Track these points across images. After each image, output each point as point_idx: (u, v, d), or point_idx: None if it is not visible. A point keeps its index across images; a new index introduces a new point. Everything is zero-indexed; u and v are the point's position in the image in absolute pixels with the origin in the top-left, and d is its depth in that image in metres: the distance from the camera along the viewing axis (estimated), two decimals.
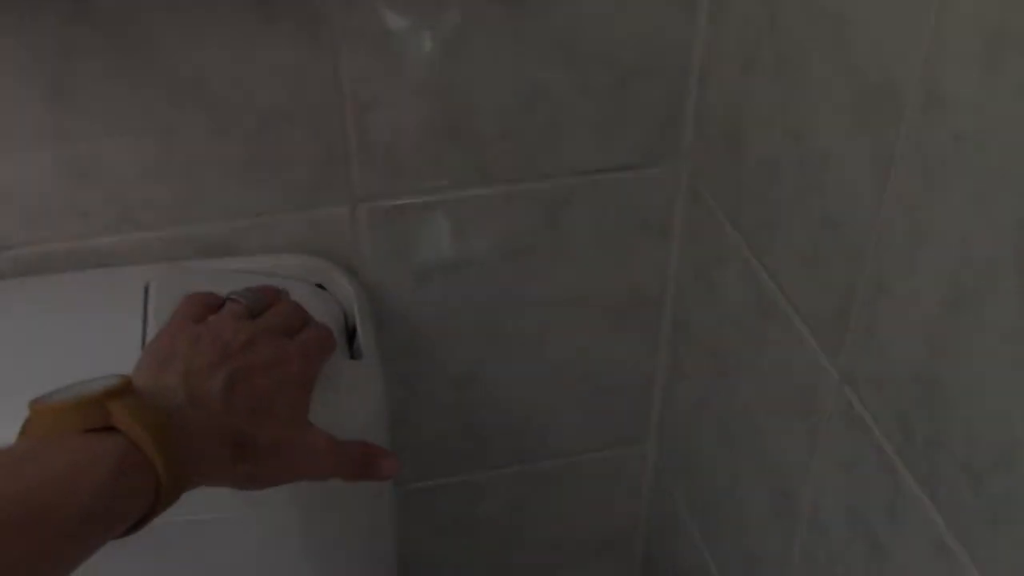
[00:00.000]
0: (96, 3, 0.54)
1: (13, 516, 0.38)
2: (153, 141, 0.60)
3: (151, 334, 0.56)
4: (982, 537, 0.42)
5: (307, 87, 0.60)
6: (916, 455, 0.46)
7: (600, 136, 0.65)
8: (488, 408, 0.78)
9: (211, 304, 0.56)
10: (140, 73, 0.57)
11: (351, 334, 0.63)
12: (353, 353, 0.61)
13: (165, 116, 0.59)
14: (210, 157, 0.61)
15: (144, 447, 0.42)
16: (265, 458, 0.48)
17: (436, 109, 0.62)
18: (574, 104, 0.64)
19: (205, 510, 0.54)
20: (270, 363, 0.51)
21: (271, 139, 0.61)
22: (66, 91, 0.57)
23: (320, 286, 0.65)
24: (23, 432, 0.43)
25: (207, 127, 0.60)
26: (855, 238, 0.48)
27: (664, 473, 0.85)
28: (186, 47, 0.57)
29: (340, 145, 0.62)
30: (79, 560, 0.40)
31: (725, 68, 0.60)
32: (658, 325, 0.77)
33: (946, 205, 0.41)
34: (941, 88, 0.40)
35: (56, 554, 0.39)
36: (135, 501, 0.42)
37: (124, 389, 0.44)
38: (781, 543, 0.62)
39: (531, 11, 0.60)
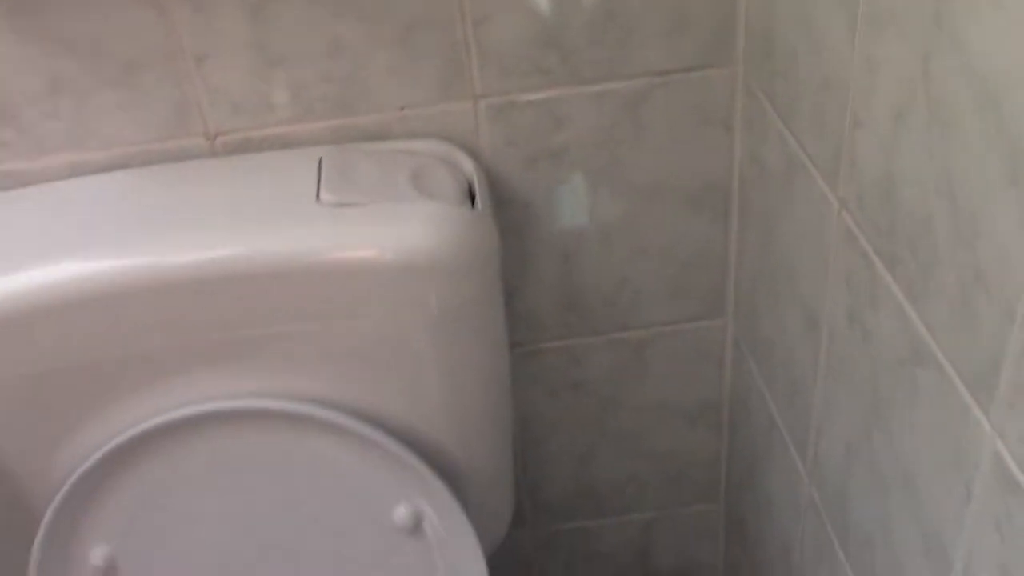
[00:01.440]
0: None
1: None
2: (325, 49, 0.80)
3: (321, 191, 0.76)
4: None
5: (437, 4, 0.78)
6: None
7: (669, 41, 0.82)
8: (586, 280, 0.96)
9: None
10: None
11: (471, 200, 0.81)
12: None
13: (333, 29, 0.79)
14: (367, 62, 0.80)
15: None
16: None
17: (537, 23, 0.80)
18: (646, 14, 0.80)
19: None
20: None
21: (412, 47, 0.80)
22: (262, 12, 0.77)
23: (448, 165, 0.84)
24: None
25: (364, 37, 0.79)
26: None
27: (741, 346, 1.00)
28: None
29: (464, 53, 0.81)
30: None
31: None
32: (727, 210, 0.93)
33: None
34: None
35: None
36: None
37: None
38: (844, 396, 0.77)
39: None
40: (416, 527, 0.85)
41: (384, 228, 0.75)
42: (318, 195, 0.77)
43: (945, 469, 0.58)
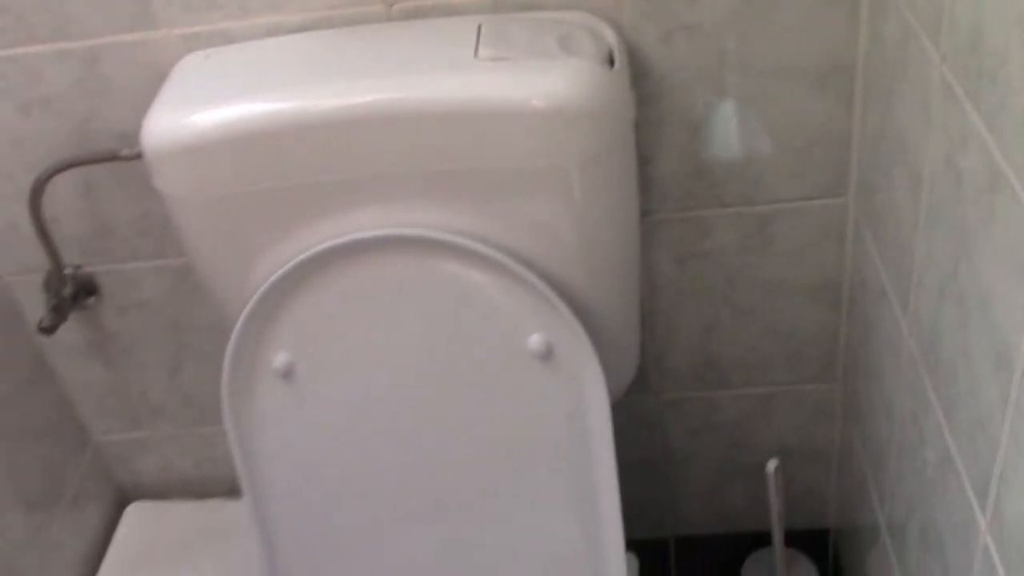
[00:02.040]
0: None
1: None
2: None
3: (479, 49, 0.88)
4: None
5: None
6: None
7: None
8: (715, 152, 1.04)
9: None
10: None
11: (611, 64, 0.91)
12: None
13: None
14: None
15: None
16: None
17: None
18: None
19: None
20: None
21: None
22: None
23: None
24: None
25: None
26: None
27: (861, 224, 1.06)
28: None
29: None
30: None
31: None
32: (852, 89, 0.99)
33: None
34: None
35: None
36: None
37: None
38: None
39: None
40: (548, 356, 0.97)
41: (533, 78, 0.86)
42: (476, 52, 0.89)
43: (1015, 285, 0.65)
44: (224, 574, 1.28)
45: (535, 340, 0.96)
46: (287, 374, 1.00)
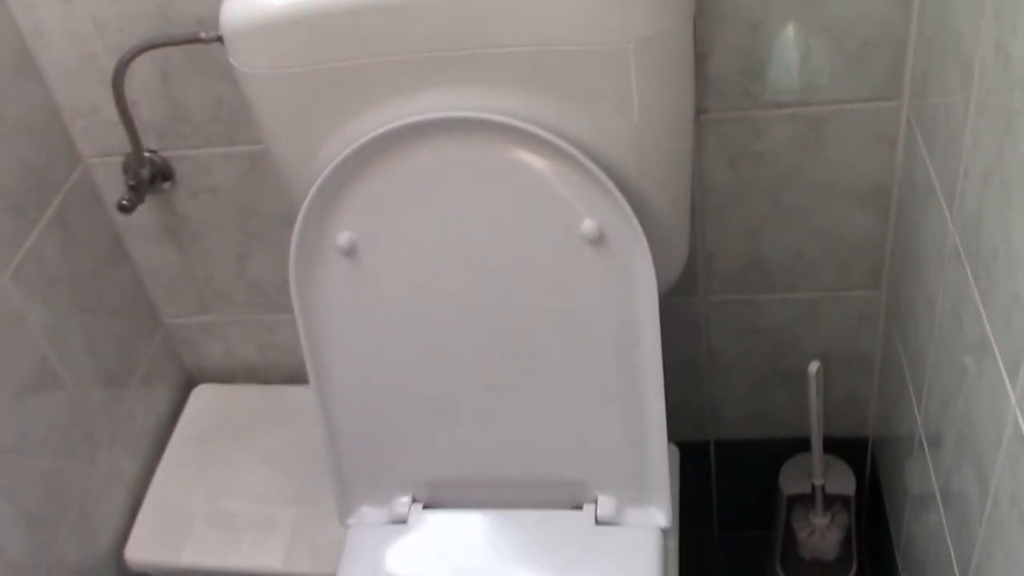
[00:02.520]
0: None
1: None
2: None
3: None
4: None
5: None
6: None
7: None
8: (771, 51, 1.06)
9: None
10: None
11: None
12: None
13: None
14: None
15: None
16: None
17: None
18: None
19: None
20: None
21: None
22: None
23: None
24: None
25: None
26: None
27: (914, 129, 1.08)
28: None
29: None
30: None
31: None
32: None
33: None
34: None
35: None
36: None
37: None
38: None
39: None
40: (599, 242, 1.01)
41: None
42: None
43: None
44: (284, 455, 1.36)
45: (588, 225, 1.00)
46: (350, 252, 1.05)
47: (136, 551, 1.28)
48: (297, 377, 1.46)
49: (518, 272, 1.04)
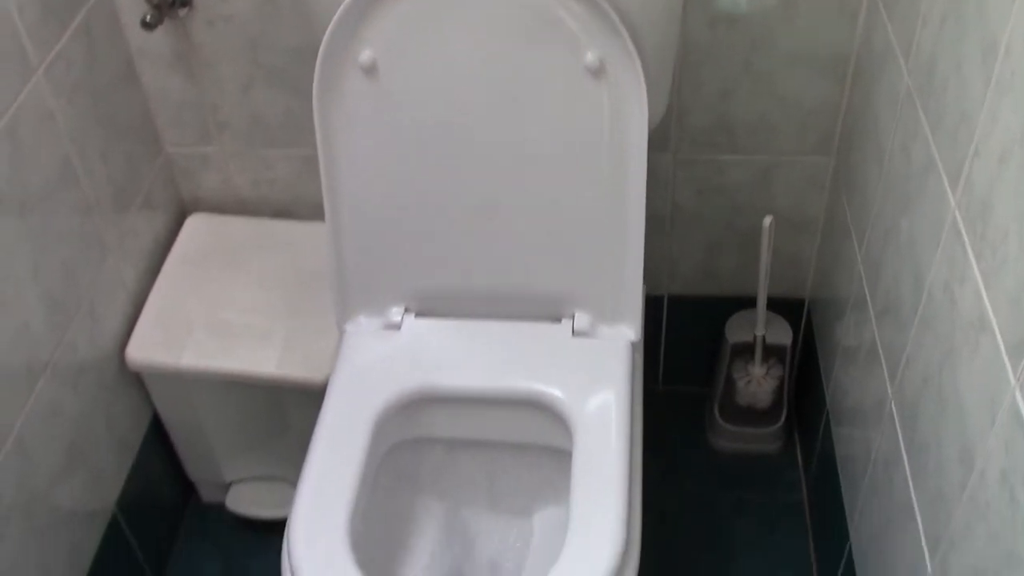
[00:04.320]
0: None
1: None
2: None
3: None
4: None
5: None
6: None
7: None
8: None
9: None
10: None
11: None
12: None
13: None
14: None
15: None
16: None
17: None
18: None
19: None
20: None
21: None
22: None
23: None
24: None
25: None
26: None
27: (879, 3, 1.22)
28: None
29: None
30: None
31: None
32: None
33: None
34: None
35: None
36: None
37: None
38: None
39: None
40: (600, 72, 1.12)
41: None
42: None
43: None
44: (277, 278, 1.46)
45: (591, 57, 1.11)
46: (370, 70, 1.15)
47: (136, 351, 1.37)
48: (288, 213, 1.55)
49: (524, 99, 1.16)
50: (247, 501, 1.57)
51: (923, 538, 0.99)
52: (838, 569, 1.36)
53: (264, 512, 1.54)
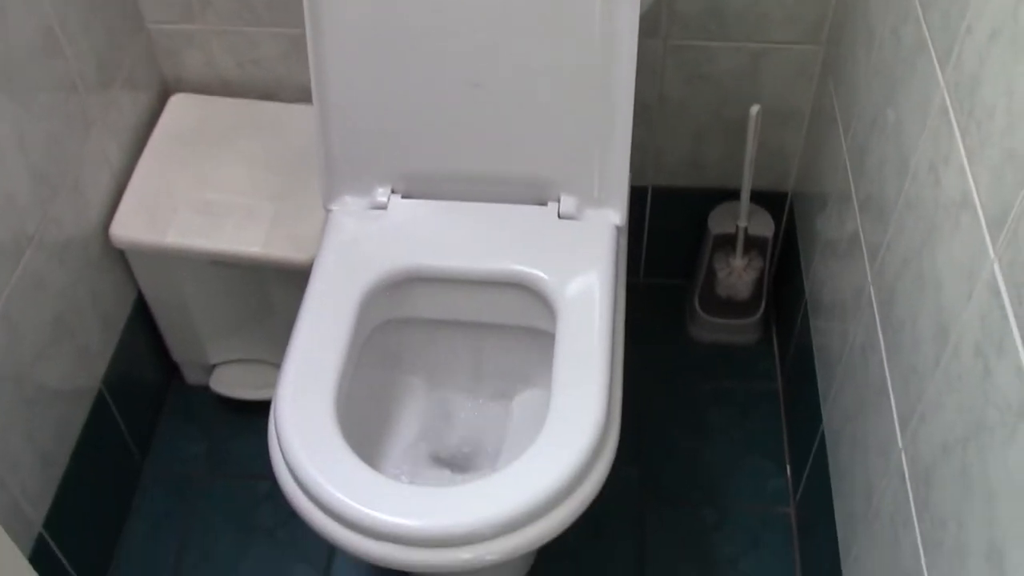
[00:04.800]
0: None
1: None
2: None
3: None
4: None
5: None
6: None
7: None
8: None
9: None
10: None
11: None
12: None
13: None
14: None
15: None
16: None
17: None
18: None
19: None
20: None
21: None
22: None
23: None
24: None
25: None
26: None
27: None
28: None
29: None
30: None
31: None
32: None
33: None
34: None
35: None
36: None
37: None
38: None
39: None
40: None
41: None
42: None
43: None
44: (263, 158, 1.45)
45: None
46: None
47: (120, 228, 1.37)
48: (273, 94, 1.54)
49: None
50: (231, 383, 1.58)
51: (895, 415, 1.02)
52: (810, 452, 1.40)
53: (247, 394, 1.56)
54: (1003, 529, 0.74)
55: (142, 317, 1.51)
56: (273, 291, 1.45)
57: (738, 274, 1.61)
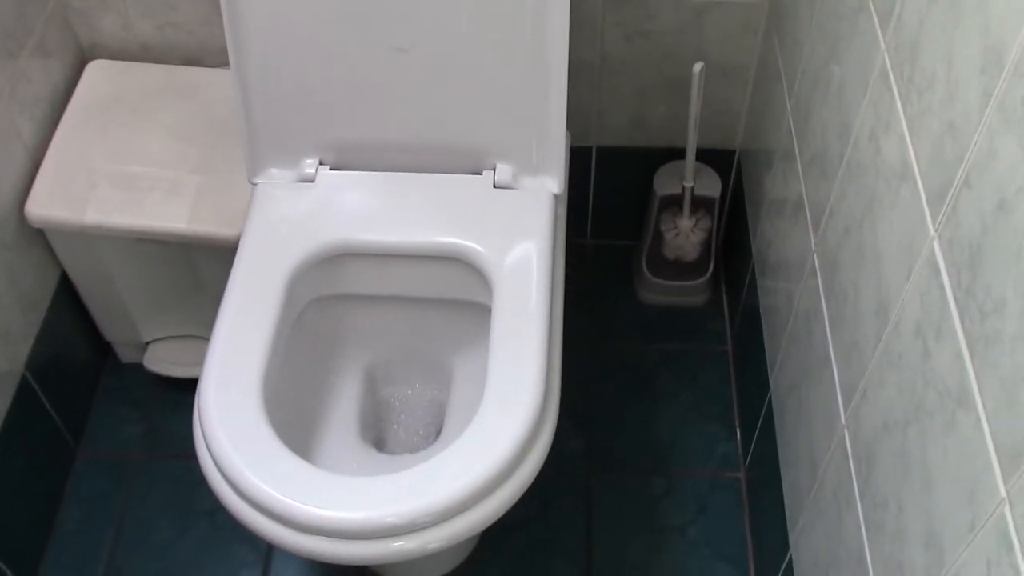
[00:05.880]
0: None
1: None
2: None
3: None
4: None
5: None
6: None
7: None
8: None
9: None
10: None
11: None
12: None
13: None
14: None
15: None
16: None
17: None
18: None
19: None
20: None
21: None
22: None
23: None
24: None
25: None
26: None
27: None
28: None
29: None
30: None
31: None
32: None
33: None
34: None
35: None
36: None
37: None
38: None
39: None
40: None
41: None
42: None
43: None
44: (185, 127, 1.38)
45: None
46: None
47: (36, 206, 1.30)
48: (195, 59, 1.46)
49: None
50: (165, 360, 1.53)
51: (838, 389, 0.99)
52: (759, 417, 1.37)
53: (182, 371, 1.51)
54: (941, 519, 0.72)
55: (67, 297, 1.45)
56: (202, 266, 1.39)
57: (685, 235, 1.57)
